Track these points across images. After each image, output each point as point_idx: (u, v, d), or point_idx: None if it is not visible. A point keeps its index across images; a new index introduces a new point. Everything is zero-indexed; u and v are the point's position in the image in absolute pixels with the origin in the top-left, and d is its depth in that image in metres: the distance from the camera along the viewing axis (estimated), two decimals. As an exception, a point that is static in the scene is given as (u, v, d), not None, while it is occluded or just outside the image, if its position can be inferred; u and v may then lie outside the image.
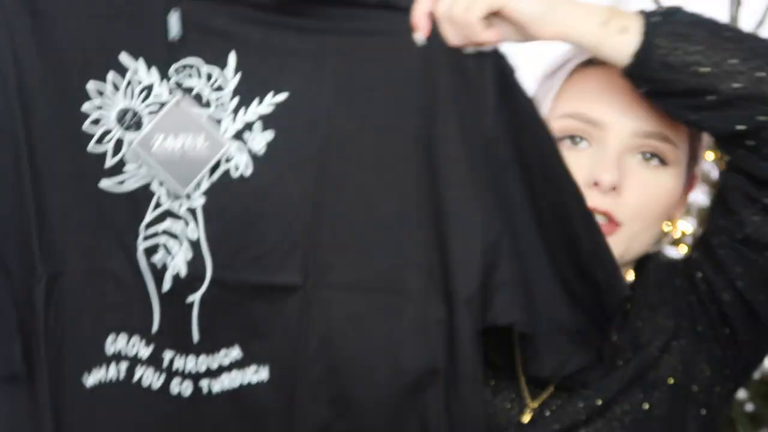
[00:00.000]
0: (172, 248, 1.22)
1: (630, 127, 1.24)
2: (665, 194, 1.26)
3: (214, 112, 1.21)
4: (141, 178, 1.21)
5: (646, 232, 1.27)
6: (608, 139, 1.24)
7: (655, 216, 1.26)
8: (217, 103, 1.21)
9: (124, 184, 1.21)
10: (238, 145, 1.21)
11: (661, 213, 1.27)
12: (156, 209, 1.22)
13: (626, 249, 1.26)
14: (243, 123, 1.21)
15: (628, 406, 1.25)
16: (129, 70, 1.20)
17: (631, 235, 1.26)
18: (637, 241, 1.27)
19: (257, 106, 1.21)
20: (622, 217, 1.24)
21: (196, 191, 1.21)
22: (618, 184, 1.23)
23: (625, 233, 1.25)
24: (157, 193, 1.22)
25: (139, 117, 1.21)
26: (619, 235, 1.25)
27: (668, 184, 1.26)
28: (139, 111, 1.21)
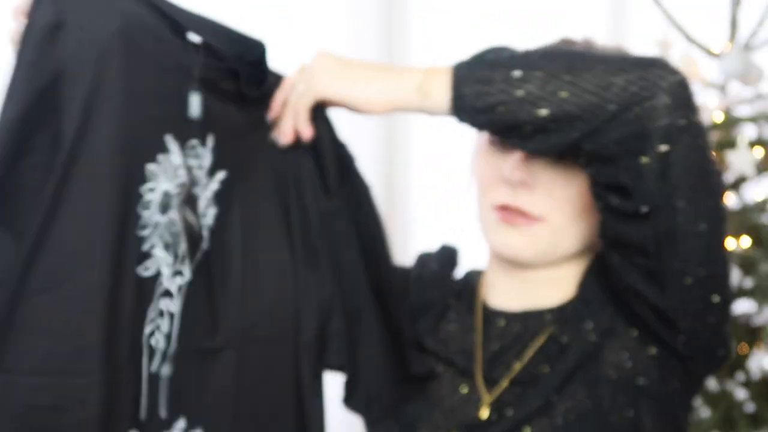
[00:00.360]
0: (161, 326, 1.22)
1: None
2: (581, 188, 1.26)
3: (197, 189, 1.25)
4: (158, 262, 1.21)
5: (572, 227, 1.30)
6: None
7: (579, 209, 1.29)
8: (200, 181, 1.25)
9: (149, 270, 1.20)
10: (204, 221, 1.26)
11: (586, 205, 1.28)
12: (158, 289, 1.21)
13: (553, 243, 1.30)
14: (206, 200, 1.26)
15: (572, 402, 1.27)
16: (170, 151, 1.20)
17: (555, 229, 1.29)
18: (564, 235, 1.30)
19: (211, 183, 1.26)
20: (541, 212, 1.28)
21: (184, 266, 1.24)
22: (526, 179, 1.27)
23: (547, 227, 1.29)
24: (162, 275, 1.21)
25: (171, 198, 1.21)
26: (541, 228, 1.29)
27: (583, 178, 1.27)
28: (172, 193, 1.21)
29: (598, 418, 1.26)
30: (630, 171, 1.18)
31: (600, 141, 1.17)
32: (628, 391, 1.27)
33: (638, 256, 1.22)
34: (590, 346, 1.28)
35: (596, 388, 1.27)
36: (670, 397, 1.28)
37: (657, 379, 1.27)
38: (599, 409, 1.26)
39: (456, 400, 1.34)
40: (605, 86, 1.16)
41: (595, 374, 1.27)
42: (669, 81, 1.16)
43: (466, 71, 1.20)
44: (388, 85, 1.24)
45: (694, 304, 1.23)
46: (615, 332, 1.29)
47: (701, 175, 1.20)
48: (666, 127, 1.16)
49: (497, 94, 1.17)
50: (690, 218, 1.20)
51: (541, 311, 1.35)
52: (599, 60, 1.19)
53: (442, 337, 1.39)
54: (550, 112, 1.16)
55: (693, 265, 1.21)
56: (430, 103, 1.22)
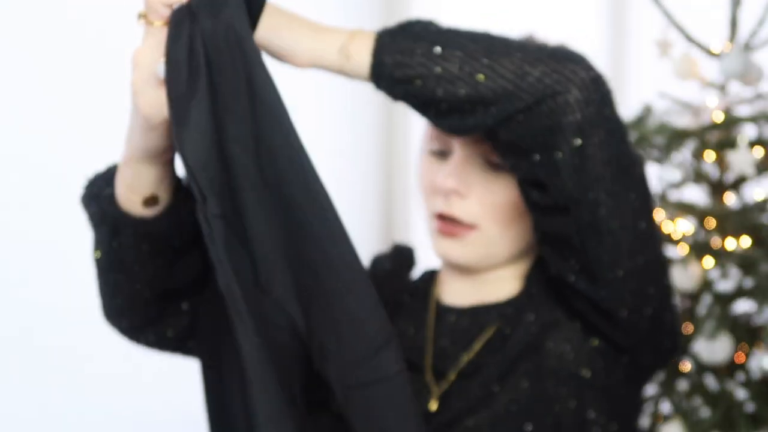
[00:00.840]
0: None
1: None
2: (516, 195, 1.27)
3: None
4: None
5: (507, 232, 1.32)
6: (455, 145, 1.31)
7: (512, 216, 1.30)
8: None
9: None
10: None
11: (519, 212, 1.30)
12: None
13: (489, 249, 1.32)
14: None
15: (515, 392, 1.29)
16: None
17: (489, 236, 1.31)
18: (499, 240, 1.32)
19: None
20: (473, 219, 1.30)
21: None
22: (457, 188, 1.29)
23: (480, 235, 1.31)
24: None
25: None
26: (475, 236, 1.31)
27: (515, 187, 1.28)
28: None
29: (541, 409, 1.27)
30: (546, 166, 1.19)
31: (515, 131, 1.18)
32: (572, 382, 1.28)
33: (566, 250, 1.23)
34: (532, 338, 1.30)
35: (539, 379, 1.28)
36: (614, 388, 1.29)
37: (601, 370, 1.28)
38: (542, 400, 1.28)
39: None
40: (521, 75, 1.17)
41: (537, 365, 1.29)
42: (582, 76, 1.18)
43: (389, 40, 1.21)
44: (310, 41, 1.24)
45: (629, 296, 1.25)
46: (557, 324, 1.30)
47: (620, 168, 1.21)
48: (578, 122, 1.17)
49: (416, 68, 1.18)
50: (613, 211, 1.21)
51: (489, 306, 1.36)
52: (519, 47, 1.20)
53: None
54: (465, 93, 1.17)
55: (622, 257, 1.23)
56: (350, 67, 1.23)
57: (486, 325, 1.34)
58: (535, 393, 1.27)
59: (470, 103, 1.18)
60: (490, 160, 1.29)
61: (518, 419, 1.27)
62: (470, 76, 1.17)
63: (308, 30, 1.25)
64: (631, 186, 1.22)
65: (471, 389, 1.30)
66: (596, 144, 1.18)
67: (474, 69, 1.17)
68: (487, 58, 1.17)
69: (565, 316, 1.29)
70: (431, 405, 1.33)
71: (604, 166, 1.19)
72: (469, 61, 1.17)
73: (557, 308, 1.30)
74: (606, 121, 1.19)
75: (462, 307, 1.38)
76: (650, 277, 1.26)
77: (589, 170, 1.19)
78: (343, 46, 1.23)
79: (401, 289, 1.44)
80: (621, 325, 1.25)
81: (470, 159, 1.30)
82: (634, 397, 1.36)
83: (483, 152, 1.29)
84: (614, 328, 1.25)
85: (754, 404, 2.11)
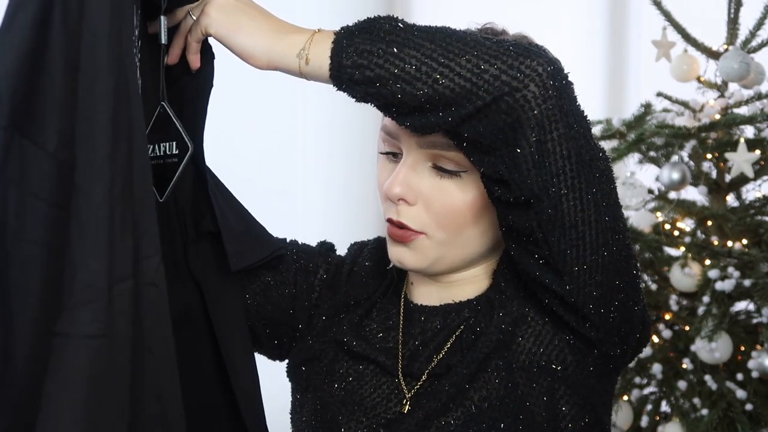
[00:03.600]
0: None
1: (414, 138, 1.28)
2: (463, 200, 1.28)
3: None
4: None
5: (457, 239, 1.30)
6: (403, 150, 1.30)
7: (460, 222, 1.29)
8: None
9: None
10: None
11: (468, 218, 1.29)
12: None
13: (441, 253, 1.31)
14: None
15: (486, 390, 1.28)
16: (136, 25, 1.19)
17: (438, 241, 1.30)
18: (451, 245, 1.30)
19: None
20: (420, 226, 1.29)
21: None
22: (405, 195, 1.28)
23: (429, 240, 1.30)
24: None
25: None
26: (424, 241, 1.30)
27: (465, 191, 1.28)
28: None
29: (513, 406, 1.26)
30: (506, 161, 1.19)
31: (476, 128, 1.18)
32: (543, 378, 1.28)
33: (531, 245, 1.23)
34: (502, 335, 1.29)
35: (510, 376, 1.27)
36: (585, 381, 1.29)
37: (571, 364, 1.28)
38: (514, 396, 1.27)
39: (378, 397, 1.35)
40: (478, 73, 1.16)
41: (508, 362, 1.28)
42: (539, 72, 1.16)
43: (347, 41, 1.20)
44: (270, 43, 1.24)
45: (595, 288, 1.24)
46: (527, 320, 1.29)
47: (581, 162, 1.21)
48: (537, 118, 1.17)
49: (374, 69, 1.18)
50: (575, 205, 1.21)
51: (459, 304, 1.35)
52: (476, 45, 1.19)
53: (365, 335, 1.39)
54: (424, 93, 1.17)
55: (586, 251, 1.22)
56: (310, 70, 1.22)
57: (456, 324, 1.34)
58: (506, 389, 1.26)
59: (429, 102, 1.17)
60: (437, 166, 1.28)
61: (491, 416, 1.26)
62: (428, 76, 1.17)
63: (268, 31, 1.25)
64: (593, 180, 1.21)
65: (443, 388, 1.29)
66: (555, 139, 1.18)
67: (431, 69, 1.17)
68: (444, 57, 1.17)
69: (534, 312, 1.28)
70: (404, 408, 1.32)
71: (564, 160, 1.18)
72: (426, 61, 1.17)
73: (527, 304, 1.30)
74: (565, 116, 1.18)
75: (431, 306, 1.37)
76: (616, 270, 1.25)
77: (550, 165, 1.18)
78: (302, 50, 1.22)
79: (376, 289, 1.43)
80: (589, 318, 1.25)
81: (417, 165, 1.29)
82: (604, 390, 1.35)
83: (430, 158, 1.28)
84: (582, 322, 1.25)
85: (753, 404, 2.11)
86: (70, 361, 1.00)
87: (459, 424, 1.27)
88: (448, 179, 1.28)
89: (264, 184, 2.59)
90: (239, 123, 2.56)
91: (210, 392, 1.38)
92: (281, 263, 1.43)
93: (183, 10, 1.29)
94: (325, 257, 1.46)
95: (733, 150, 2.17)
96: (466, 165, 1.26)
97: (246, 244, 1.37)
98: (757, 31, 2.27)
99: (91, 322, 1.00)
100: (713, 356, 2.09)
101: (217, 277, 1.37)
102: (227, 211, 1.37)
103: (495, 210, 1.27)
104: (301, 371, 1.41)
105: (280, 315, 1.42)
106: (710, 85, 2.33)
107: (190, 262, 1.35)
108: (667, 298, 2.25)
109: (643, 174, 2.36)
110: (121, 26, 1.06)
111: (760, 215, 2.27)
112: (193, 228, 1.35)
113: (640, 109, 2.36)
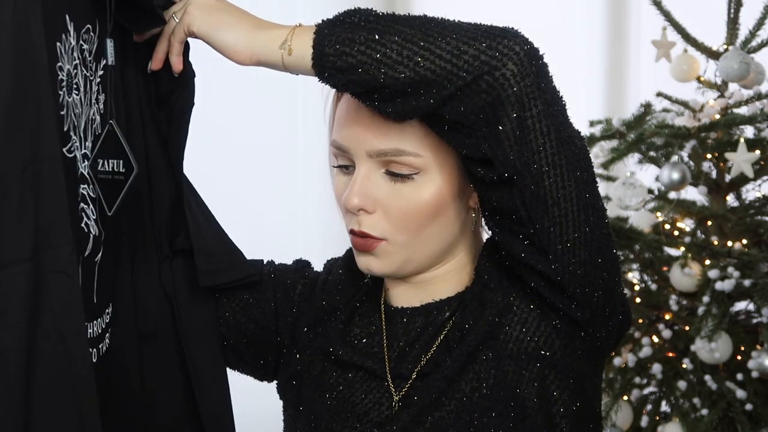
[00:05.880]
0: (87, 212, 1.23)
1: (364, 149, 1.30)
2: (419, 201, 1.30)
3: (88, 74, 1.24)
4: (73, 144, 1.21)
5: (418, 239, 1.32)
6: (355, 162, 1.32)
7: (419, 222, 1.31)
8: (90, 65, 1.24)
9: (72, 153, 1.20)
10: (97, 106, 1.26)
11: (425, 217, 1.31)
12: (78, 173, 1.22)
13: (407, 256, 1.32)
14: (96, 85, 1.26)
15: (477, 381, 1.29)
16: (69, 32, 1.19)
17: (402, 244, 1.31)
18: (416, 245, 1.32)
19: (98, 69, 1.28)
20: (381, 233, 1.31)
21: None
22: (364, 205, 1.30)
23: (393, 246, 1.31)
24: (77, 159, 1.21)
25: (72, 79, 1.20)
26: (387, 247, 1.31)
27: (419, 192, 1.30)
28: (72, 73, 1.21)
29: (504, 394, 1.28)
30: (489, 140, 1.22)
31: (458, 109, 1.21)
32: (532, 364, 1.29)
33: (515, 225, 1.26)
34: (489, 326, 1.31)
35: (499, 365, 1.29)
36: (575, 365, 1.31)
37: (560, 349, 1.30)
38: (504, 385, 1.29)
39: (369, 402, 1.36)
40: (457, 54, 1.20)
41: (496, 352, 1.29)
42: (516, 50, 1.20)
43: (329, 31, 1.23)
44: (252, 37, 1.27)
45: (579, 267, 1.27)
46: (512, 309, 1.31)
47: (560, 139, 1.24)
48: (516, 94, 1.20)
49: (357, 55, 1.21)
50: (556, 182, 1.24)
51: (439, 302, 1.37)
52: (454, 28, 1.23)
53: (349, 342, 1.40)
54: (406, 76, 1.20)
55: (569, 228, 1.25)
56: (292, 61, 1.25)
57: (440, 321, 1.35)
58: (496, 379, 1.28)
59: (411, 85, 1.20)
60: (390, 172, 1.30)
61: (483, 406, 1.28)
62: (409, 59, 1.20)
63: (250, 26, 1.28)
64: (572, 157, 1.25)
65: (433, 384, 1.31)
66: (535, 116, 1.21)
67: (412, 52, 1.20)
68: (423, 41, 1.20)
69: (520, 300, 1.30)
70: (395, 408, 1.33)
71: (544, 137, 1.22)
72: (407, 45, 1.20)
73: (511, 293, 1.32)
74: (543, 93, 1.22)
75: (412, 307, 1.38)
76: (597, 248, 1.28)
77: (530, 141, 1.22)
78: (285, 40, 1.25)
79: (354, 295, 1.43)
80: (575, 298, 1.27)
81: (371, 174, 1.31)
82: (594, 374, 1.37)
83: (382, 165, 1.30)
84: (569, 302, 1.27)
85: (753, 404, 2.11)
86: None
87: (451, 416, 1.29)
88: (401, 183, 1.30)
89: (264, 184, 2.59)
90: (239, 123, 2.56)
91: (175, 408, 1.38)
92: (259, 282, 1.44)
93: (167, 13, 1.31)
94: (301, 273, 1.47)
95: (733, 150, 2.17)
96: (418, 166, 1.29)
97: (219, 263, 1.39)
98: (757, 31, 2.27)
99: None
100: (713, 356, 2.09)
101: (189, 294, 1.38)
102: (205, 231, 1.39)
103: (452, 206, 1.31)
104: (292, 385, 1.41)
105: (263, 333, 1.43)
106: (710, 85, 2.33)
107: (162, 278, 1.37)
108: (667, 298, 2.25)
109: (643, 174, 2.36)
110: (30, 20, 1.06)
111: (760, 215, 2.27)
112: (168, 244, 1.37)
113: (640, 109, 2.36)
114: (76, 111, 1.19)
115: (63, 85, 1.16)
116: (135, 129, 1.34)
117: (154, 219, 1.37)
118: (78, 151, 1.20)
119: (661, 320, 2.24)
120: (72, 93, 1.18)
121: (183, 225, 1.36)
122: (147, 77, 1.34)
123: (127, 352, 1.32)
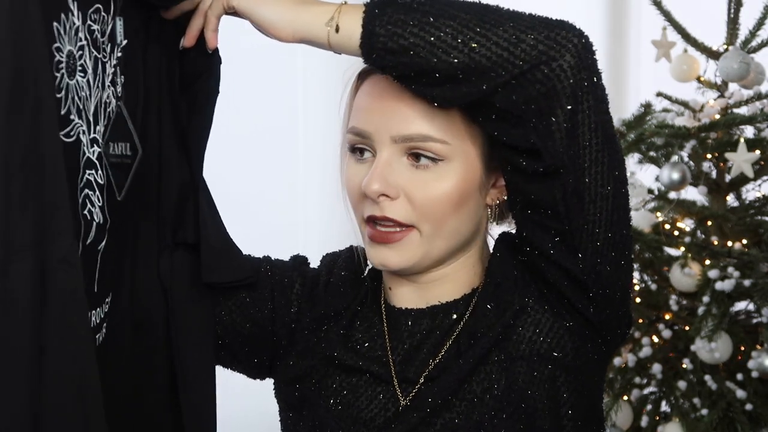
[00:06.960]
0: (92, 198, 1.20)
1: (389, 133, 1.27)
2: (442, 190, 1.28)
3: (102, 55, 1.21)
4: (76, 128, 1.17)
5: (442, 230, 1.29)
6: (376, 148, 1.28)
7: (443, 212, 1.28)
8: (103, 47, 1.21)
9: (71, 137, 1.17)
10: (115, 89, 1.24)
11: (449, 208, 1.28)
12: (83, 157, 1.19)
13: (424, 250, 1.29)
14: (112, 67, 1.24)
15: (488, 382, 1.27)
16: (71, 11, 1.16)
17: (426, 234, 1.28)
18: (437, 237, 1.29)
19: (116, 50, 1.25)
20: (409, 219, 1.28)
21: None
22: (386, 190, 1.27)
23: (417, 234, 1.28)
24: (83, 143, 1.18)
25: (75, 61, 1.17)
26: (411, 238, 1.28)
27: (442, 181, 1.27)
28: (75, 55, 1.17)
29: (514, 395, 1.26)
30: (539, 131, 1.19)
31: (510, 98, 1.18)
32: (544, 366, 1.28)
33: (549, 220, 1.24)
34: (502, 327, 1.29)
35: (511, 366, 1.27)
36: (585, 367, 1.30)
37: (571, 351, 1.28)
38: (515, 386, 1.27)
39: (375, 408, 1.33)
40: (515, 42, 1.18)
41: (508, 353, 1.28)
42: (574, 42, 1.19)
43: (380, 11, 1.19)
44: (296, 14, 1.23)
45: (607, 266, 1.26)
46: (526, 310, 1.29)
47: (606, 137, 1.22)
48: (572, 87, 1.18)
49: (409, 38, 1.18)
50: (597, 179, 1.22)
51: (446, 305, 1.34)
52: (510, 16, 1.20)
53: (352, 346, 1.37)
54: (460, 62, 1.17)
55: (602, 228, 1.24)
56: (339, 39, 1.21)
57: (448, 325, 1.32)
58: (507, 380, 1.26)
59: (465, 71, 1.18)
60: (413, 158, 1.26)
61: (493, 407, 1.25)
62: (464, 45, 1.17)
63: (292, 2, 1.24)
64: (614, 156, 1.23)
65: (443, 386, 1.28)
66: (586, 110, 1.19)
67: (468, 38, 1.17)
68: (480, 27, 1.17)
69: (534, 301, 1.28)
70: (401, 414, 1.29)
71: (591, 132, 1.20)
72: (462, 30, 1.17)
73: (526, 294, 1.30)
74: (595, 88, 1.20)
75: (417, 309, 1.35)
76: (623, 249, 1.27)
77: (579, 136, 1.20)
78: (331, 18, 1.21)
79: (355, 297, 1.39)
80: (596, 298, 1.26)
81: (393, 160, 1.27)
82: (599, 377, 1.37)
83: (405, 151, 1.27)
84: (588, 303, 1.26)
85: (753, 404, 2.11)
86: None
87: (462, 417, 1.27)
88: (423, 171, 1.27)
89: (264, 184, 2.59)
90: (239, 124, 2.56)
91: (159, 402, 1.36)
92: (257, 281, 1.41)
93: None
94: (299, 271, 1.43)
95: (733, 150, 2.17)
96: (443, 154, 1.26)
97: (221, 262, 1.38)
98: (757, 31, 2.27)
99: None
100: (713, 356, 2.09)
101: (186, 288, 1.36)
102: (211, 228, 1.37)
103: (472, 199, 1.28)
104: (293, 389, 1.38)
105: (260, 332, 1.40)
106: (710, 85, 2.33)
107: (160, 268, 1.34)
108: (667, 298, 2.25)
109: (643, 174, 2.36)
110: (28, 2, 1.03)
111: (760, 215, 2.27)
112: (171, 235, 1.35)
113: (640, 109, 2.36)
114: (81, 94, 1.16)
115: (61, 67, 1.12)
116: (151, 113, 1.30)
117: (160, 207, 1.34)
118: (86, 135, 1.17)
119: (661, 320, 2.24)
120: (76, 75, 1.15)
121: (191, 217, 1.34)
122: (172, 60, 1.30)
123: (119, 342, 1.30)
